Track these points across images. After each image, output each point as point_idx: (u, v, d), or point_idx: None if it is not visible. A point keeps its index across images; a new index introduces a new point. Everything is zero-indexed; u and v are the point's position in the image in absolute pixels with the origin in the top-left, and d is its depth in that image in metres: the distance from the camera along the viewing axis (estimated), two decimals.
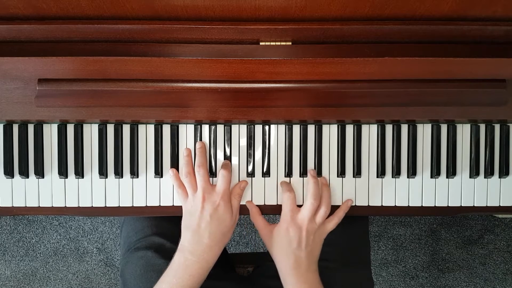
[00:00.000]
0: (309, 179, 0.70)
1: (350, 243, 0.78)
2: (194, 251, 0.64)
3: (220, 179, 0.67)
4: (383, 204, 0.73)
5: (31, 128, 0.70)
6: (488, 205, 0.73)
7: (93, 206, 0.71)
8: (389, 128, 0.72)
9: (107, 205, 0.72)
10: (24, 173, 0.70)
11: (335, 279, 0.72)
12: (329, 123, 0.72)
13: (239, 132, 0.72)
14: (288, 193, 0.68)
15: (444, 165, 0.73)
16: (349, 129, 0.72)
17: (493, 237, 1.39)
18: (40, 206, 0.71)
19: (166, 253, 0.72)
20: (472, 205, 0.73)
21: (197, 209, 0.66)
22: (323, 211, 0.68)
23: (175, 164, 0.71)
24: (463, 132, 0.73)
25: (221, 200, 0.66)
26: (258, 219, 0.71)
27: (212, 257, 0.65)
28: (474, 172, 0.73)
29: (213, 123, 0.72)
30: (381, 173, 0.72)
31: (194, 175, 0.69)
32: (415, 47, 0.60)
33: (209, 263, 0.65)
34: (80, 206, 0.71)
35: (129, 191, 0.72)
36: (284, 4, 0.55)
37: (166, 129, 0.72)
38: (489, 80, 0.66)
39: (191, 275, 0.63)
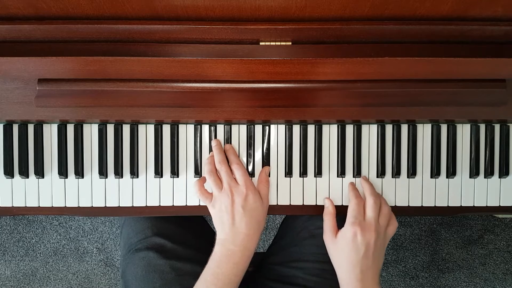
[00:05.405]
0: (362, 181, 0.70)
1: None
2: (234, 242, 0.64)
3: (237, 172, 0.67)
4: None
5: (31, 128, 0.70)
6: (488, 205, 0.73)
7: (93, 206, 0.71)
8: (389, 128, 0.72)
9: (107, 205, 0.72)
10: (24, 173, 0.70)
11: (336, 281, 0.72)
12: (329, 123, 0.72)
13: (239, 132, 0.72)
14: (358, 199, 0.66)
15: (444, 165, 0.73)
16: (349, 129, 0.72)
17: (493, 237, 1.39)
18: (40, 206, 0.71)
19: (168, 254, 0.72)
20: (472, 205, 0.73)
21: (228, 205, 0.65)
22: (385, 210, 0.66)
23: (175, 164, 0.71)
24: (463, 132, 0.73)
25: (247, 189, 0.66)
26: (330, 219, 0.68)
27: (253, 245, 0.65)
28: (474, 172, 0.73)
29: (213, 123, 0.72)
30: (381, 173, 0.72)
31: (217, 173, 0.69)
32: (415, 47, 0.60)
33: (251, 251, 0.65)
34: (80, 206, 0.71)
35: (129, 191, 0.72)
36: (284, 4, 0.55)
37: (166, 129, 0.72)
38: (489, 80, 0.66)
39: (236, 263, 0.63)
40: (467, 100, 0.67)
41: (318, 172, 0.72)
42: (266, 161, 0.72)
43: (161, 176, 0.72)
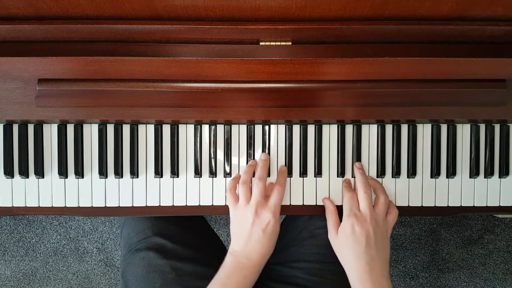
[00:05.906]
0: (356, 171, 0.70)
1: None
2: (247, 256, 0.64)
3: (275, 194, 0.66)
4: None
5: (31, 128, 0.70)
6: (488, 205, 0.73)
7: (93, 206, 0.71)
8: (389, 128, 0.72)
9: (107, 205, 0.72)
10: (24, 173, 0.70)
11: (336, 281, 0.72)
12: (329, 123, 0.72)
13: (239, 132, 0.72)
14: (350, 193, 0.67)
15: (444, 165, 0.73)
16: (349, 129, 0.72)
17: (493, 237, 1.39)
18: (40, 206, 0.71)
19: (168, 254, 0.72)
20: (472, 205, 0.73)
21: (248, 222, 0.65)
22: (382, 199, 0.66)
23: (175, 164, 0.71)
24: (463, 132, 0.73)
25: (274, 216, 0.65)
26: (333, 217, 0.68)
27: (264, 261, 0.66)
28: (474, 172, 0.73)
29: (213, 123, 0.72)
30: (381, 173, 0.72)
31: (250, 184, 0.68)
32: (415, 47, 0.60)
33: (261, 266, 0.66)
34: (80, 206, 0.71)
35: (129, 191, 0.72)
36: (284, 4, 0.55)
37: (166, 129, 0.72)
38: (489, 80, 0.66)
39: (246, 276, 0.63)
40: (467, 100, 0.67)
41: (318, 172, 0.72)
42: None
43: (161, 176, 0.72)
